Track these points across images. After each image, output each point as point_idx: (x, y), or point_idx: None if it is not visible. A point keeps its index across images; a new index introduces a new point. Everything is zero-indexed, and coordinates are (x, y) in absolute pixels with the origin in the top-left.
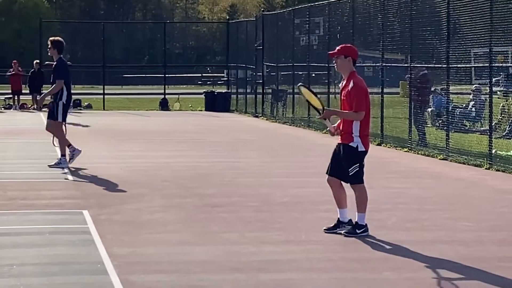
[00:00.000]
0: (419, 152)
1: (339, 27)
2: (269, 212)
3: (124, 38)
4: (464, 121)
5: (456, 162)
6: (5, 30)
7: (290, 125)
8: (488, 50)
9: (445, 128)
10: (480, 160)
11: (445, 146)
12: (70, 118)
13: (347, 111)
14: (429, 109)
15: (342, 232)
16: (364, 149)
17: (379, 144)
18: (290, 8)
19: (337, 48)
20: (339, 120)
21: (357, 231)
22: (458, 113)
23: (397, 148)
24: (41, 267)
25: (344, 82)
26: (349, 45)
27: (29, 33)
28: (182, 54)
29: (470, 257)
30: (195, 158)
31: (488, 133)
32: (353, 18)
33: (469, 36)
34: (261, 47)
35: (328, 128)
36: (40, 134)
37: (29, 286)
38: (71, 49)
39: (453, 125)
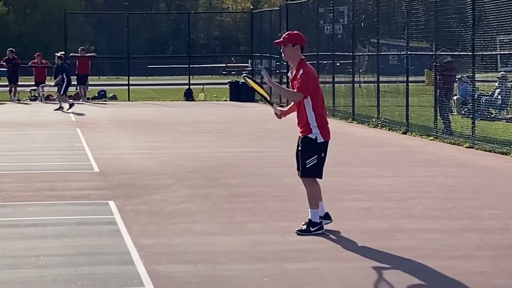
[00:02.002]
0: (445, 140)
1: (363, 16)
2: (294, 202)
3: (149, 29)
4: (490, 109)
5: (482, 150)
6: (30, 22)
7: None
8: None
9: (470, 116)
10: (507, 148)
11: (471, 134)
12: (93, 109)
13: (287, 89)
14: (455, 97)
15: (295, 230)
16: (323, 140)
17: (404, 133)
18: None
19: (284, 36)
20: (289, 106)
21: (311, 229)
22: (484, 101)
23: (423, 136)
24: (68, 257)
25: (294, 72)
26: (296, 32)
27: (54, 25)
28: (206, 45)
29: (497, 245)
30: (220, 148)
31: None
32: (378, 6)
33: (494, 23)
34: None
35: (274, 112)
36: (65, 125)
37: (56, 277)
38: (96, 41)
39: (479, 113)
